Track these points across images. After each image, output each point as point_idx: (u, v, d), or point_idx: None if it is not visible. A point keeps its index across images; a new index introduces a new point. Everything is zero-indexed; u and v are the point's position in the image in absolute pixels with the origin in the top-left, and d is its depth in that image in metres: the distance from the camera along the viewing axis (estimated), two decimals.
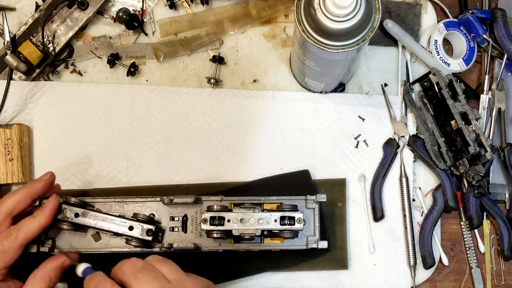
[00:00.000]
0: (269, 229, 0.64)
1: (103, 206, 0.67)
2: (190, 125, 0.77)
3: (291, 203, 0.66)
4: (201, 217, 0.63)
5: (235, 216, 0.63)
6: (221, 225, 0.63)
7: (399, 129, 0.78)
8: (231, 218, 0.63)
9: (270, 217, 0.64)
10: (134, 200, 0.68)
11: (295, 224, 0.64)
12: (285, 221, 0.64)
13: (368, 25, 0.59)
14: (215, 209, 0.64)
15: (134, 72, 0.77)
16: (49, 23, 0.76)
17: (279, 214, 0.64)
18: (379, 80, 0.79)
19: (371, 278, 0.75)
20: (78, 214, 0.64)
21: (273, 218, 0.64)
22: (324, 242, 0.66)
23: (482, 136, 0.73)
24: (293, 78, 0.79)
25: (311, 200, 0.67)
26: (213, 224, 0.63)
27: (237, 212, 0.64)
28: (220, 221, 0.63)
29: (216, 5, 0.79)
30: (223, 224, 0.63)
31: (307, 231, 0.67)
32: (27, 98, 0.76)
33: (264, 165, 0.76)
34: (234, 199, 0.67)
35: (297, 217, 0.64)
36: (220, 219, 0.63)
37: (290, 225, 0.64)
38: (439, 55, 0.77)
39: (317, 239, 0.66)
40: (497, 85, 0.78)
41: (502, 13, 0.77)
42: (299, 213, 0.64)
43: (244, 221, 0.63)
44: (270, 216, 0.64)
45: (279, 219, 0.64)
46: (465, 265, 0.78)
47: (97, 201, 0.68)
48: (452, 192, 0.75)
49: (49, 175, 0.65)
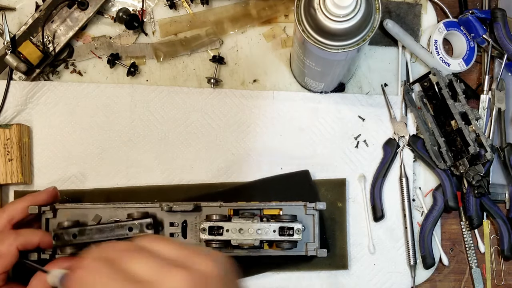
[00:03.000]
0: (267, 239, 0.64)
1: (102, 211, 0.67)
2: (190, 125, 0.77)
3: (291, 210, 0.66)
4: (200, 226, 0.63)
5: (233, 226, 0.63)
6: (219, 235, 0.63)
7: (399, 129, 0.78)
8: (229, 228, 0.63)
9: (269, 228, 0.64)
10: (133, 206, 0.67)
11: (294, 235, 0.64)
12: (284, 231, 0.64)
13: (368, 25, 0.59)
14: (214, 218, 0.64)
15: (134, 72, 0.77)
16: (49, 23, 0.76)
17: (278, 225, 0.64)
18: (379, 80, 0.79)
19: (371, 278, 0.75)
20: (76, 235, 0.63)
21: (272, 229, 0.64)
22: (323, 251, 0.66)
23: (482, 136, 0.73)
24: (293, 78, 0.79)
25: (311, 207, 0.66)
26: (212, 233, 0.63)
27: (236, 222, 0.64)
28: (219, 231, 0.63)
29: (216, 5, 0.79)
30: (222, 233, 0.63)
31: (306, 237, 0.67)
32: (27, 98, 0.76)
33: (264, 165, 0.76)
34: (233, 205, 0.67)
35: (296, 228, 0.64)
36: (219, 228, 0.63)
37: (289, 236, 0.64)
38: (439, 55, 0.77)
39: (317, 247, 0.66)
40: (497, 85, 0.78)
41: (502, 13, 0.77)
42: (298, 224, 0.64)
43: (243, 231, 0.63)
44: (269, 227, 0.64)
45: (278, 230, 0.64)
46: (465, 265, 0.78)
47: (96, 207, 0.67)
48: (452, 192, 0.75)
49: (53, 188, 0.67)
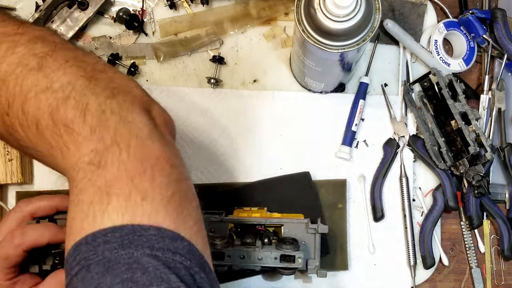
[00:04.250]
0: (268, 266, 0.64)
1: None
2: (190, 125, 0.77)
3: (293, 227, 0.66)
4: None
5: (235, 253, 0.64)
6: (221, 259, 0.63)
7: (399, 129, 0.78)
8: (231, 254, 0.64)
9: (270, 255, 0.64)
10: None
11: (295, 261, 0.64)
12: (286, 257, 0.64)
13: (368, 25, 0.59)
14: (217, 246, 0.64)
15: (134, 72, 0.77)
16: (49, 23, 0.75)
17: (280, 253, 0.64)
18: (379, 80, 0.79)
19: (371, 278, 0.75)
20: None
21: (273, 256, 0.64)
22: (323, 272, 0.66)
23: (482, 136, 0.73)
24: (293, 78, 0.79)
25: (312, 228, 0.66)
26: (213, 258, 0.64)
27: (237, 249, 0.64)
28: (221, 255, 0.63)
29: (216, 5, 0.79)
30: (223, 258, 0.63)
31: (307, 253, 0.66)
32: None
33: (264, 165, 0.76)
34: (234, 220, 0.67)
35: (297, 256, 0.64)
36: (221, 254, 0.63)
37: (289, 262, 0.64)
38: (439, 55, 0.77)
39: (317, 266, 0.66)
40: (497, 85, 0.78)
41: (502, 13, 0.77)
42: (299, 253, 0.64)
43: (245, 258, 0.64)
44: (270, 254, 0.64)
45: (279, 257, 0.64)
46: (465, 265, 0.78)
47: None
48: (452, 192, 0.75)
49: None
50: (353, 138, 0.77)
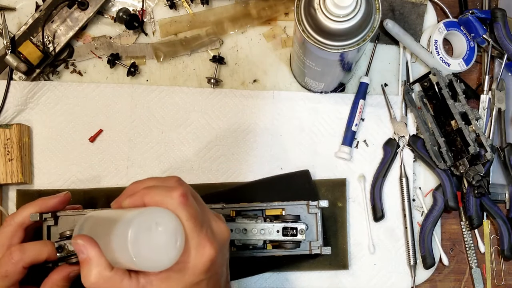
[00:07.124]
0: (271, 239, 0.64)
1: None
2: (190, 125, 0.77)
3: (294, 209, 0.66)
4: None
5: (237, 226, 0.64)
6: None
7: (399, 129, 0.78)
8: (233, 228, 0.64)
9: (272, 228, 0.64)
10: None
11: (297, 235, 0.64)
12: (288, 231, 0.64)
13: (368, 25, 0.59)
14: None
15: (134, 72, 0.77)
16: (49, 23, 0.76)
17: (281, 225, 0.64)
18: (379, 80, 0.79)
19: (371, 278, 0.75)
20: None
21: (275, 229, 0.64)
22: (327, 248, 0.66)
23: (482, 136, 0.73)
24: (293, 78, 0.79)
25: (313, 205, 0.67)
26: None
27: (239, 222, 0.64)
28: None
29: (216, 5, 0.79)
30: None
31: (309, 235, 0.67)
32: (27, 98, 0.76)
33: (264, 165, 0.76)
34: (235, 207, 0.67)
35: (299, 228, 0.64)
36: None
37: (292, 236, 0.64)
38: (439, 55, 0.77)
39: (320, 245, 0.66)
40: (497, 85, 0.78)
41: (502, 13, 0.77)
42: (301, 224, 0.64)
43: (247, 231, 0.64)
44: (272, 227, 0.64)
45: (281, 230, 0.64)
46: (465, 265, 0.78)
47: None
48: (452, 192, 0.75)
49: (64, 194, 0.64)
50: (353, 138, 0.77)
